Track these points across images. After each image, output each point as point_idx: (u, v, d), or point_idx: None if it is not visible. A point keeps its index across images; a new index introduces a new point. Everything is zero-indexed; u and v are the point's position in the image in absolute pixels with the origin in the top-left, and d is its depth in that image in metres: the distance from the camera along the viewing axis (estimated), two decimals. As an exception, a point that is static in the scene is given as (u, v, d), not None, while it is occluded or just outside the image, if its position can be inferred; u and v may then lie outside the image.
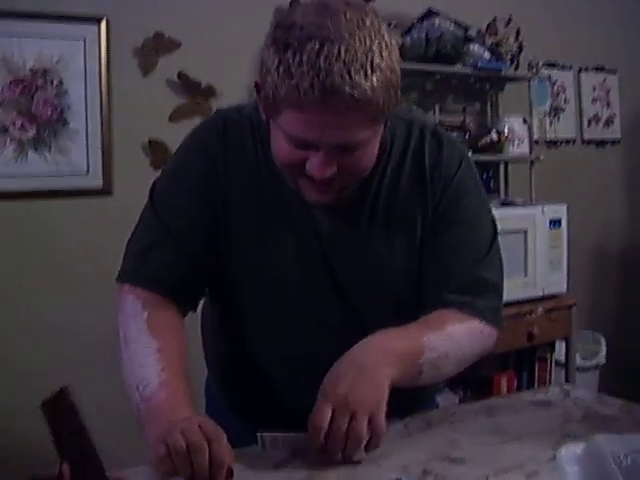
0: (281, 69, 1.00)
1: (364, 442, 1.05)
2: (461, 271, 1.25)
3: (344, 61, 0.98)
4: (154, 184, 1.30)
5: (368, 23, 1.02)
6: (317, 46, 0.98)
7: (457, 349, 1.22)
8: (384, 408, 1.07)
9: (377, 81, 1.00)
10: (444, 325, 1.21)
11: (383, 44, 1.02)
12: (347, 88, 0.98)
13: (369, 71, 0.99)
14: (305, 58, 0.98)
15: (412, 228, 1.25)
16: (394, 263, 1.25)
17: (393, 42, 1.05)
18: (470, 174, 1.29)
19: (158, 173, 2.69)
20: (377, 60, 1.00)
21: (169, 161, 1.34)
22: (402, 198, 1.25)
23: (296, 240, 1.23)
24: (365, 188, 1.22)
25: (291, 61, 0.99)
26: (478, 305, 1.24)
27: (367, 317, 1.28)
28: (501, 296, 1.30)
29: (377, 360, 1.11)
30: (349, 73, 0.98)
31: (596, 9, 3.81)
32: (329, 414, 1.05)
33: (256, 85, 1.09)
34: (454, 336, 1.21)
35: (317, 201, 1.17)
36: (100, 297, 2.52)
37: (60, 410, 0.82)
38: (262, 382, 1.33)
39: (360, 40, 1.00)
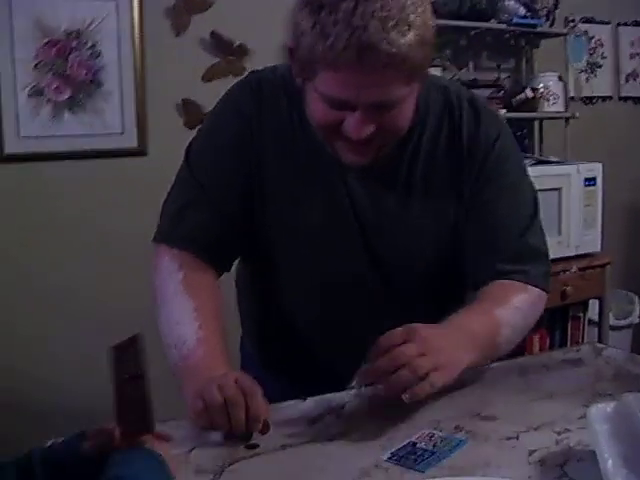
0: (316, 30, 1.00)
1: (419, 375, 1.01)
2: (509, 240, 1.26)
3: (379, 18, 0.98)
4: (190, 144, 1.31)
5: None
6: (352, 4, 0.98)
7: (524, 320, 1.24)
8: (450, 375, 1.06)
9: (413, 38, 1.00)
10: (510, 298, 1.22)
11: (417, 1, 1.02)
12: (383, 45, 0.98)
13: (405, 28, 0.99)
14: (340, 17, 0.98)
15: (447, 197, 1.26)
16: (426, 230, 1.26)
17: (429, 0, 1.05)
18: (508, 143, 1.29)
19: (192, 133, 2.72)
20: (412, 17, 1.00)
21: (204, 121, 1.35)
22: (438, 166, 1.24)
23: (328, 202, 1.24)
24: (401, 153, 1.22)
25: (326, 21, 0.99)
26: (532, 273, 1.26)
27: (396, 281, 1.29)
28: (549, 260, 1.31)
29: (458, 345, 1.10)
30: (385, 30, 0.98)
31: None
32: (399, 340, 1.04)
33: (289, 48, 1.09)
34: (521, 308, 1.23)
35: (354, 162, 1.16)
36: (134, 256, 2.58)
37: (130, 354, 0.86)
38: (296, 340, 1.35)
39: None
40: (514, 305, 1.21)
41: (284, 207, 1.25)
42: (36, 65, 2.50)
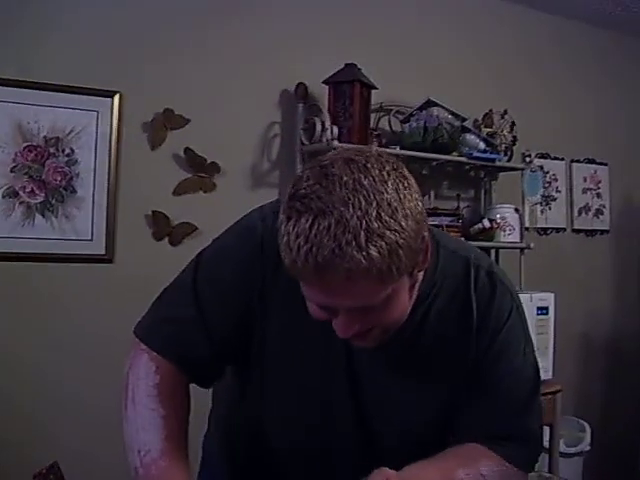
0: (284, 241, 0.99)
1: None
2: (503, 421, 1.25)
3: (334, 235, 0.94)
4: (201, 254, 1.28)
5: (367, 183, 0.97)
6: (310, 220, 0.96)
7: None
8: None
9: (376, 248, 0.95)
10: (478, 464, 1.21)
11: (384, 204, 0.96)
12: (338, 261, 0.95)
13: (363, 241, 0.94)
14: (300, 231, 0.96)
15: (451, 367, 1.24)
16: (421, 397, 1.26)
17: (401, 196, 0.99)
18: (518, 322, 1.27)
19: (159, 245, 2.81)
20: (375, 225, 0.95)
21: (222, 235, 1.30)
22: (446, 337, 1.23)
23: (325, 353, 1.22)
24: (408, 320, 1.16)
25: (290, 234, 0.97)
26: (513, 453, 1.25)
27: (380, 439, 1.28)
28: (540, 441, 1.30)
29: None
30: (340, 246, 0.94)
31: (589, 104, 3.97)
32: None
33: None
34: (486, 476, 1.21)
35: (362, 347, 1.15)
36: (97, 361, 2.59)
37: None
38: (267, 465, 1.34)
39: (354, 207, 0.95)
40: (480, 472, 1.20)
41: (282, 346, 1.24)
42: (13, 168, 2.57)
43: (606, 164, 4.09)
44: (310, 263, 0.96)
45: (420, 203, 1.02)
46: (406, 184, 1.01)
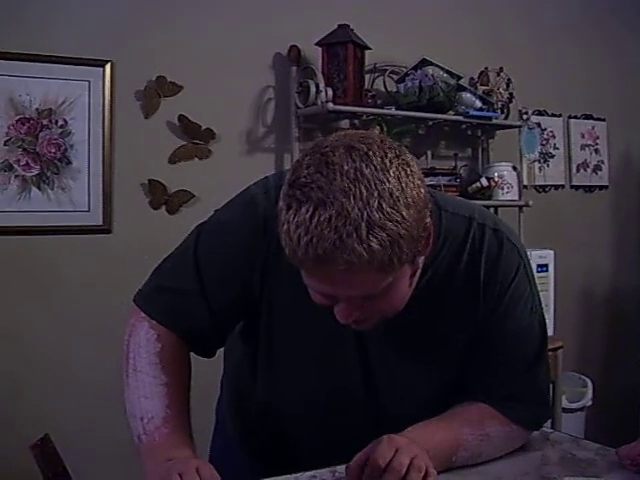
0: (284, 229, 0.98)
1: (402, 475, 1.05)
2: (508, 379, 1.25)
3: (335, 227, 0.93)
4: (202, 225, 1.28)
5: (368, 172, 0.96)
6: (311, 210, 0.94)
7: (492, 450, 1.24)
8: (426, 458, 1.08)
9: (375, 240, 0.94)
10: (483, 424, 1.22)
11: (385, 194, 0.95)
12: (339, 254, 0.94)
13: (364, 233, 0.93)
14: (300, 221, 0.95)
15: (455, 337, 1.24)
16: (430, 373, 1.26)
17: (403, 185, 0.97)
18: (526, 280, 1.25)
19: (157, 213, 2.80)
20: (376, 216, 0.94)
21: (224, 208, 1.29)
22: (450, 305, 1.23)
23: (335, 337, 1.22)
24: (412, 297, 1.14)
25: (290, 223, 0.96)
26: (525, 415, 1.26)
27: (390, 406, 1.28)
28: (547, 401, 1.31)
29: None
30: (341, 239, 0.93)
31: (585, 59, 3.93)
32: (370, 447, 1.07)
33: None
34: (492, 439, 1.22)
35: (362, 330, 1.16)
36: (97, 333, 2.60)
37: (47, 452, 0.88)
38: (277, 429, 1.36)
39: (355, 197, 0.94)
40: (486, 433, 1.22)
41: (290, 326, 1.25)
42: (7, 141, 2.55)
43: (604, 120, 4.05)
44: (310, 254, 0.95)
45: (422, 190, 1.01)
46: (408, 171, 0.99)
